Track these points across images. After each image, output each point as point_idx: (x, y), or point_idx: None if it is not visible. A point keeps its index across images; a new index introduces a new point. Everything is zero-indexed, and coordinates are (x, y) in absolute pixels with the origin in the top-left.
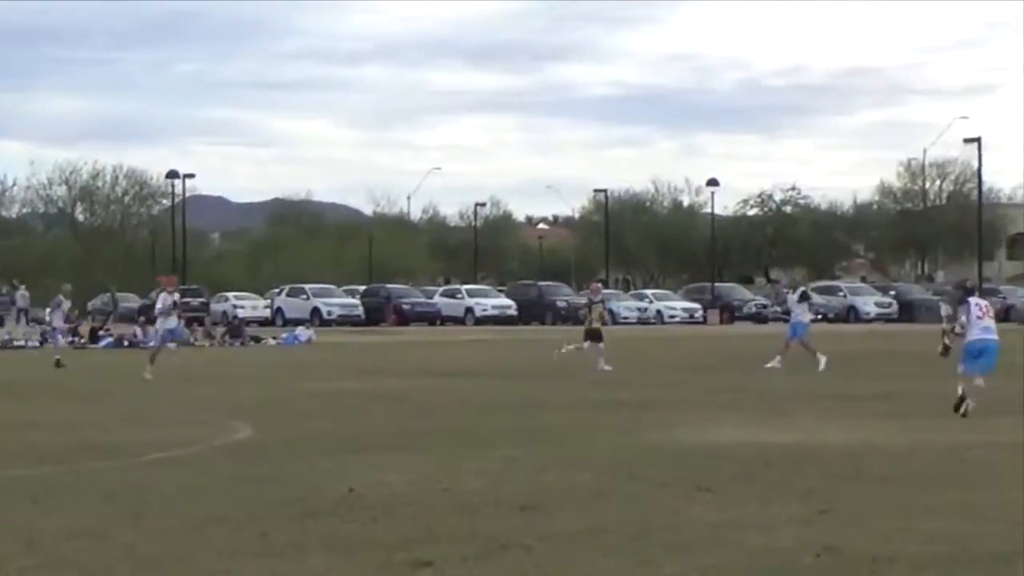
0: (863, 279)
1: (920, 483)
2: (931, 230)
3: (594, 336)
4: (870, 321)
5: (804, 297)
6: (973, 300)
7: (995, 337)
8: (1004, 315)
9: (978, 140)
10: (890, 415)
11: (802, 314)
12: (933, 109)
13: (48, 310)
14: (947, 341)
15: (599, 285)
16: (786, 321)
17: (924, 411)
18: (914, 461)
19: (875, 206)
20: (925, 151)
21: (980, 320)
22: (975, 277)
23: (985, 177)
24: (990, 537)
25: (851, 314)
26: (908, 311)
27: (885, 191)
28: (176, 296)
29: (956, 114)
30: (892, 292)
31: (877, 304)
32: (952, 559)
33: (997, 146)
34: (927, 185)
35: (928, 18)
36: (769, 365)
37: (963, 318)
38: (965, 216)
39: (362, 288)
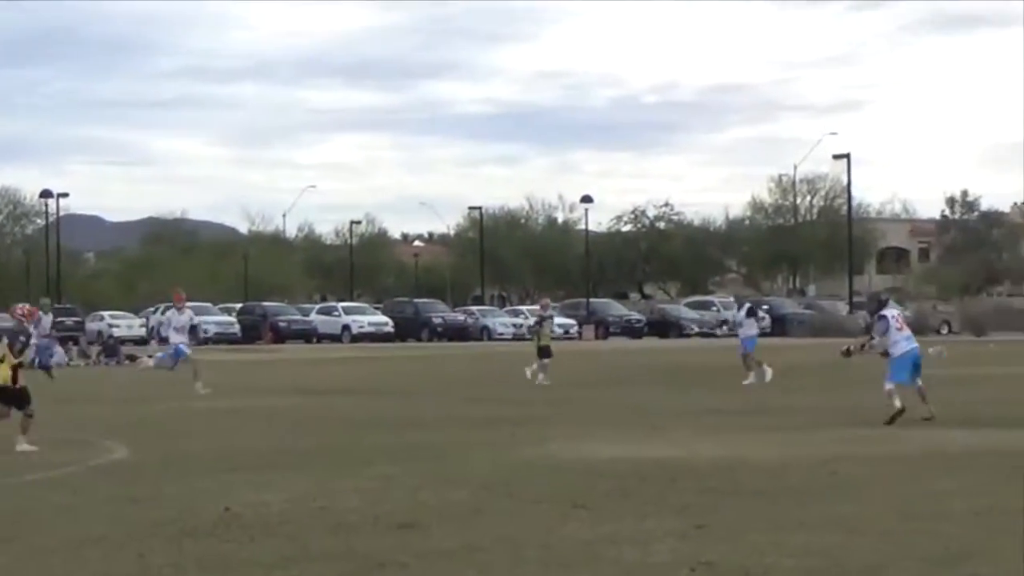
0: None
1: (793, 497)
2: (802, 245)
3: (545, 352)
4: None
5: (751, 312)
6: (890, 313)
7: (917, 344)
8: None
9: (847, 156)
10: (764, 429)
11: (749, 328)
12: (803, 125)
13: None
14: (852, 347)
15: (548, 301)
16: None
17: (798, 424)
18: (787, 475)
19: (747, 222)
20: (796, 167)
21: (900, 331)
22: (846, 291)
23: (854, 192)
24: (860, 550)
25: (725, 328)
26: (781, 325)
27: (757, 207)
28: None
29: (826, 130)
30: (765, 307)
31: None
32: (823, 572)
33: (866, 161)
34: (798, 200)
35: (797, 35)
36: (746, 383)
37: (876, 338)
38: (835, 231)
39: (238, 306)
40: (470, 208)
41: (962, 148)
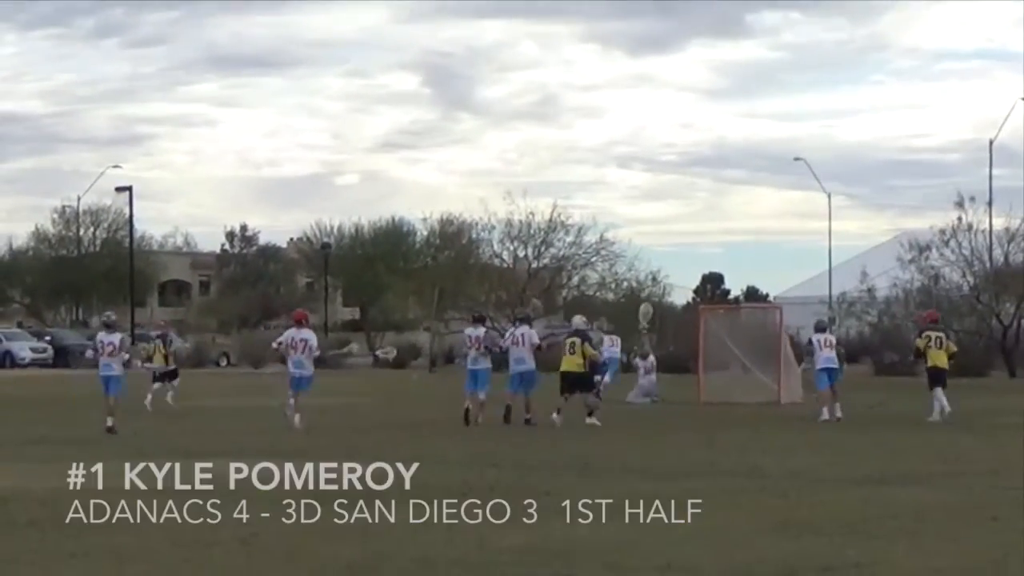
0: (19, 324)
1: (69, 528)
2: (86, 276)
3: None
4: (26, 366)
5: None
6: None
7: None
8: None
9: (129, 189)
10: (41, 459)
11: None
12: (86, 158)
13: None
14: None
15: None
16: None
17: (73, 455)
18: (61, 505)
19: (30, 252)
20: (79, 198)
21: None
22: (129, 323)
23: (138, 225)
24: None
25: (7, 359)
26: (63, 356)
27: (40, 237)
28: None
29: (109, 163)
30: (47, 338)
31: (33, 349)
32: None
33: (150, 195)
34: (82, 232)
35: (80, 67)
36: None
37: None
38: (118, 263)
39: None
40: None
41: (242, 184)
